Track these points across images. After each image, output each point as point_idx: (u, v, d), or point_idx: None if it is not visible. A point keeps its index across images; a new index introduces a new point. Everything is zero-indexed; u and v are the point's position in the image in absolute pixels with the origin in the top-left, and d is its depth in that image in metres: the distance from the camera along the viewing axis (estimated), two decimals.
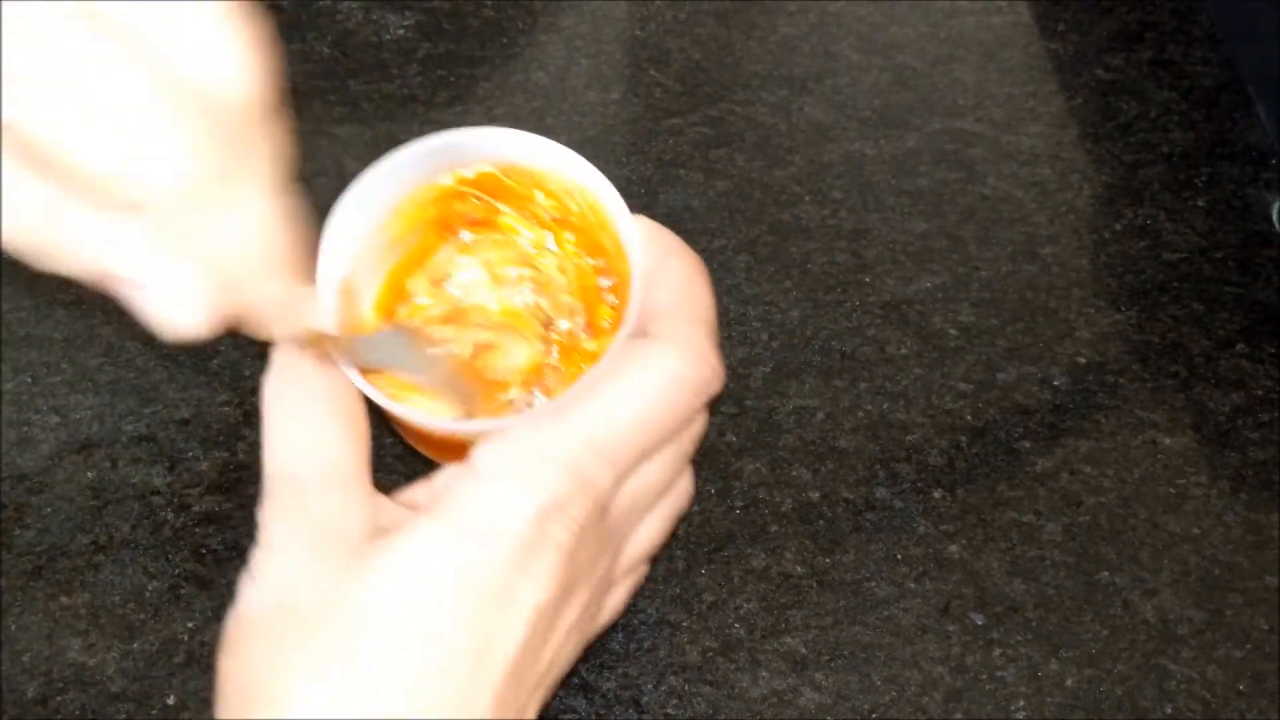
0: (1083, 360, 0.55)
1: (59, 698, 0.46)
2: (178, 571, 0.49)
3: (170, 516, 0.50)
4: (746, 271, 0.57)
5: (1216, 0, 0.67)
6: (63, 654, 0.47)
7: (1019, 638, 0.47)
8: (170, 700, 0.46)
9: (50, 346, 0.55)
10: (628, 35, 0.67)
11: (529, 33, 0.66)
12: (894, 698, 0.46)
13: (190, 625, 0.47)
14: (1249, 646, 0.47)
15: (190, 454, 0.52)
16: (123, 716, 0.45)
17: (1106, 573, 0.49)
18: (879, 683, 0.46)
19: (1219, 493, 0.51)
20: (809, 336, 0.55)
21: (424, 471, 0.36)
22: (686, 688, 0.46)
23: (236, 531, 0.50)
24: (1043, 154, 0.62)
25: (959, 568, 0.49)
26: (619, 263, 0.38)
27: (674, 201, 0.59)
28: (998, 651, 0.47)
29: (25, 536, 0.50)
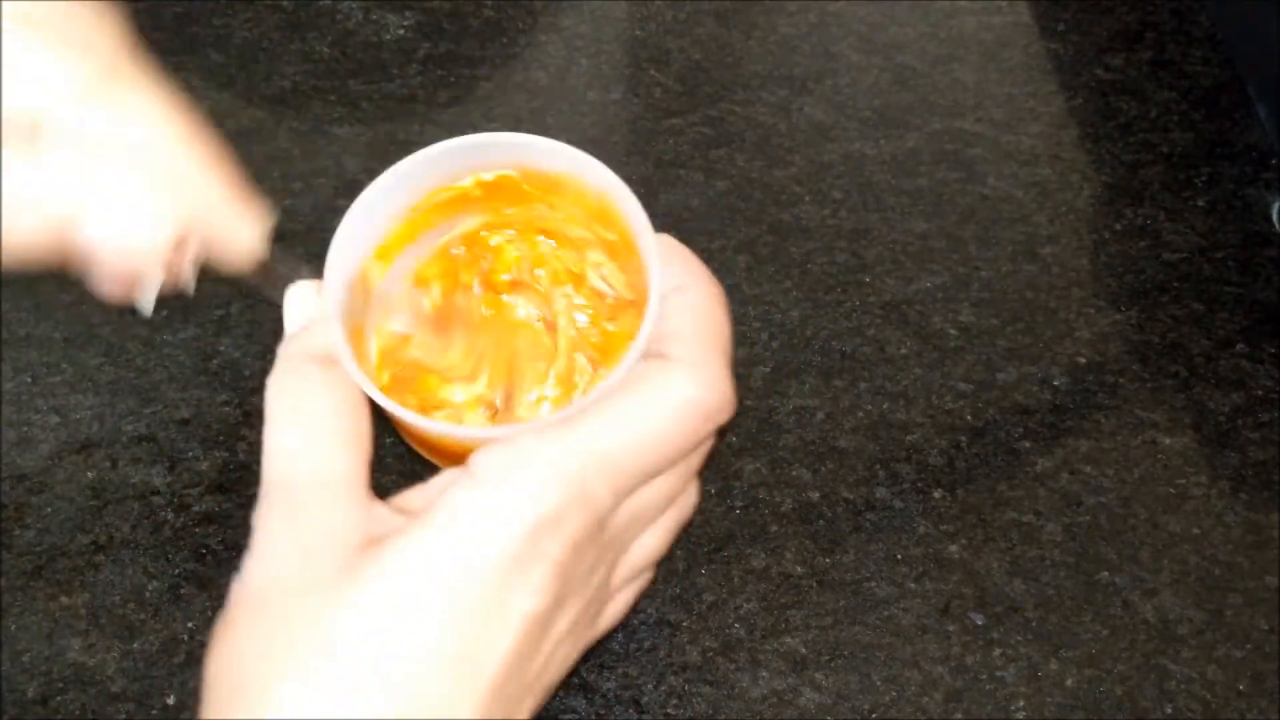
0: (1083, 360, 0.55)
1: (59, 698, 0.46)
2: (178, 571, 0.49)
3: (170, 516, 0.50)
4: (746, 271, 0.57)
5: (1216, 0, 0.67)
6: (63, 654, 0.47)
7: (1019, 638, 0.47)
8: (170, 700, 0.46)
9: (50, 346, 0.55)
10: (628, 35, 0.67)
11: (529, 33, 0.66)
12: (894, 698, 0.46)
13: (190, 625, 0.47)
14: (1249, 646, 0.47)
15: (190, 454, 0.52)
16: (123, 716, 0.45)
17: (1106, 573, 0.49)
18: (879, 683, 0.46)
19: (1219, 493, 0.51)
20: (809, 336, 0.55)
21: (423, 473, 0.36)
22: (686, 688, 0.46)
23: (236, 531, 0.50)
24: (1043, 154, 0.62)
25: (959, 568, 0.49)
26: (637, 276, 0.38)
27: (674, 201, 0.59)
28: (998, 651, 0.47)
29: (25, 536, 0.50)
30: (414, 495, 0.35)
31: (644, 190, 0.60)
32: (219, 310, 0.56)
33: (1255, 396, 0.54)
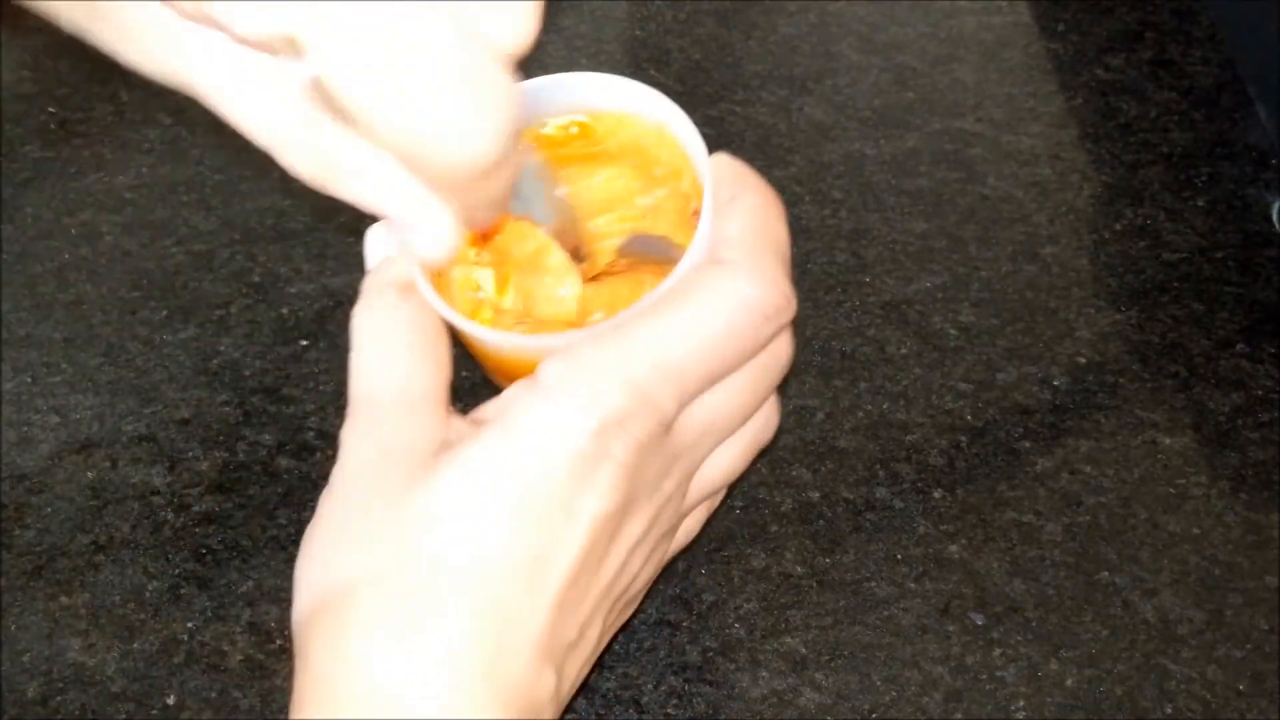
0: (1083, 360, 0.55)
1: (59, 698, 0.46)
2: (178, 571, 0.49)
3: (170, 516, 0.50)
4: None
5: (1216, 0, 0.67)
6: (63, 654, 0.47)
7: (1019, 638, 0.47)
8: (170, 700, 0.46)
9: (50, 346, 0.55)
10: (628, 35, 0.67)
11: None
12: (894, 698, 0.46)
13: (190, 625, 0.47)
14: (1249, 646, 0.47)
15: (190, 454, 0.52)
16: (123, 716, 0.45)
17: (1106, 573, 0.49)
18: (879, 683, 0.46)
19: (1219, 493, 0.51)
20: (809, 336, 0.55)
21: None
22: (686, 688, 0.46)
23: (236, 531, 0.50)
24: (1043, 154, 0.62)
25: (959, 568, 0.49)
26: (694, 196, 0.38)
27: None
28: (998, 651, 0.47)
29: (25, 536, 0.50)
30: (489, 407, 0.36)
31: None
32: (219, 310, 0.56)
33: (1255, 396, 0.54)
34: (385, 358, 0.36)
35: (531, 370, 0.35)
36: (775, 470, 0.51)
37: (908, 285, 0.57)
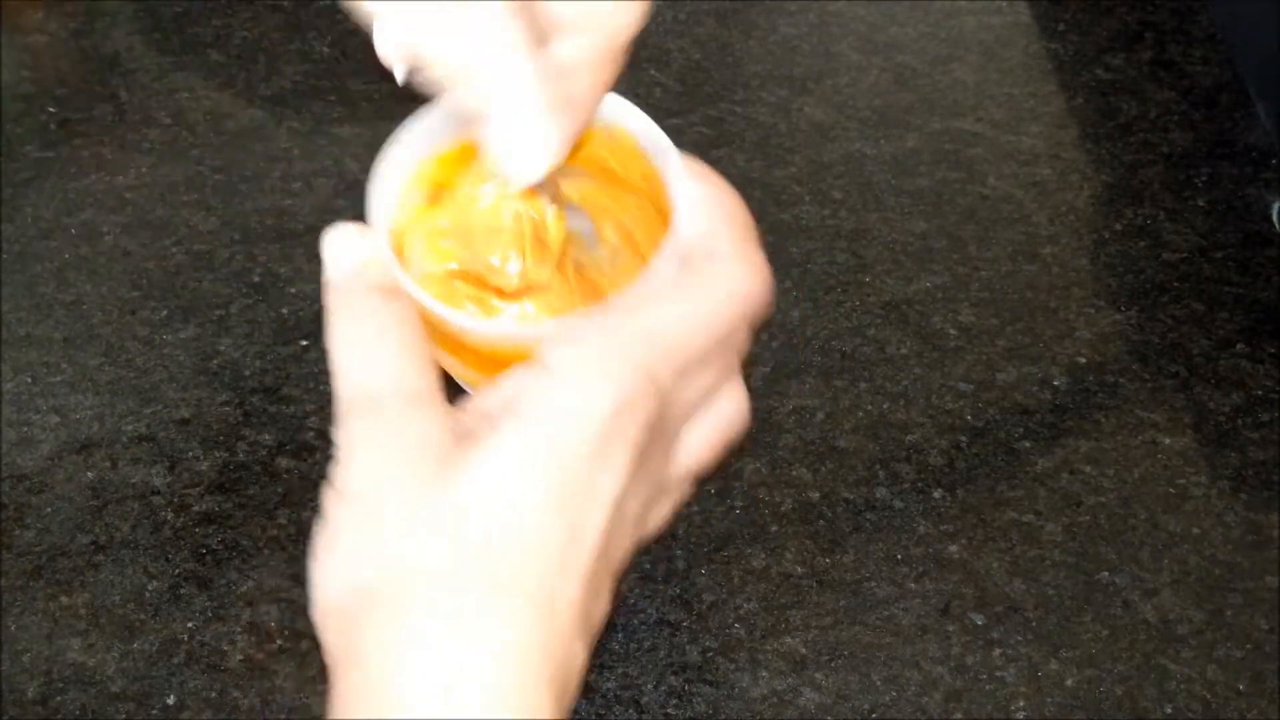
0: (1083, 360, 0.55)
1: (59, 698, 0.46)
2: (178, 571, 0.49)
3: (170, 516, 0.50)
4: None
5: (1216, 0, 0.67)
6: (63, 654, 0.47)
7: (1019, 638, 0.47)
8: (170, 700, 0.46)
9: (50, 346, 0.55)
10: None
11: None
12: (894, 698, 0.46)
13: (190, 625, 0.47)
14: (1249, 646, 0.47)
15: (190, 454, 0.52)
16: (123, 716, 0.45)
17: (1106, 573, 0.49)
18: (879, 683, 0.46)
19: (1219, 493, 0.51)
20: (809, 336, 0.55)
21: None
22: (686, 688, 0.46)
23: (236, 531, 0.50)
24: (1043, 154, 0.62)
25: (959, 568, 0.49)
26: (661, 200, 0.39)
27: None
28: (998, 651, 0.47)
29: (25, 536, 0.50)
30: (489, 398, 0.37)
31: None
32: (219, 310, 0.56)
33: (1255, 396, 0.54)
34: (379, 357, 0.36)
35: (519, 360, 0.35)
36: (775, 470, 0.51)
37: (908, 285, 0.57)
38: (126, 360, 0.55)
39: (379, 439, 0.35)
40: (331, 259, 0.38)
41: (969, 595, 0.48)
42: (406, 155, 0.40)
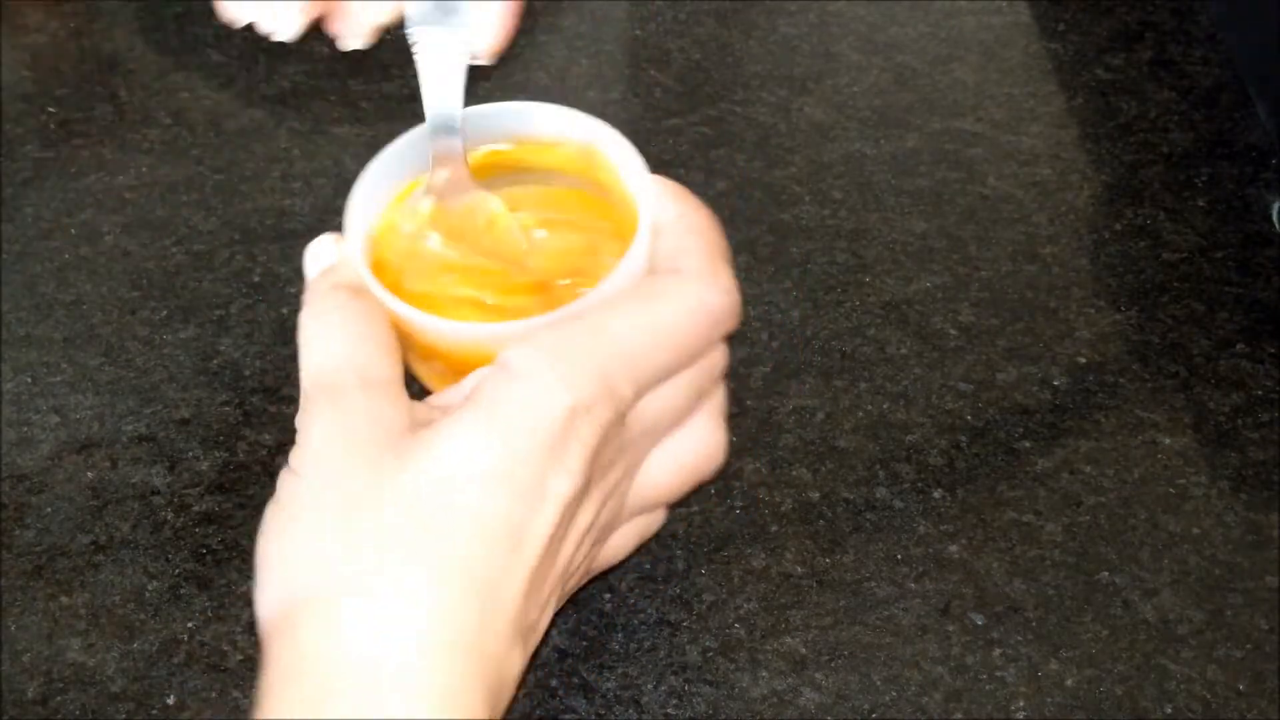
0: (1083, 360, 0.55)
1: (59, 698, 0.46)
2: (178, 571, 0.49)
3: (170, 516, 0.50)
4: (746, 271, 0.57)
5: (1216, 0, 0.67)
6: (63, 654, 0.47)
7: (1019, 638, 0.47)
8: (170, 700, 0.46)
9: (50, 346, 0.55)
10: (628, 35, 0.67)
11: (529, 33, 0.66)
12: (894, 698, 0.46)
13: (190, 625, 0.47)
14: (1249, 646, 0.47)
15: (190, 454, 0.52)
16: (123, 716, 0.45)
17: (1106, 573, 0.49)
18: (879, 683, 0.46)
19: (1219, 493, 0.51)
20: (809, 336, 0.55)
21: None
22: (686, 688, 0.46)
23: (236, 531, 0.50)
24: (1043, 154, 0.62)
25: (959, 568, 0.49)
26: (626, 217, 0.40)
27: None
28: (998, 651, 0.47)
29: (25, 536, 0.50)
30: (449, 393, 0.37)
31: None
32: (219, 310, 0.56)
33: (1255, 396, 0.54)
34: (342, 346, 0.36)
35: (485, 363, 0.36)
36: (775, 470, 0.51)
37: (908, 285, 0.57)
38: (126, 360, 0.55)
39: (335, 422, 0.35)
40: (309, 264, 0.39)
41: (969, 595, 0.48)
42: (390, 168, 0.41)
